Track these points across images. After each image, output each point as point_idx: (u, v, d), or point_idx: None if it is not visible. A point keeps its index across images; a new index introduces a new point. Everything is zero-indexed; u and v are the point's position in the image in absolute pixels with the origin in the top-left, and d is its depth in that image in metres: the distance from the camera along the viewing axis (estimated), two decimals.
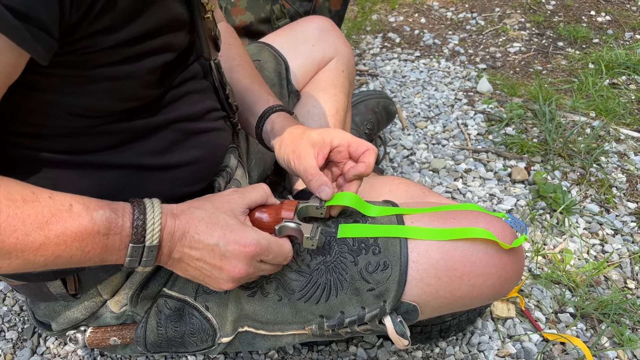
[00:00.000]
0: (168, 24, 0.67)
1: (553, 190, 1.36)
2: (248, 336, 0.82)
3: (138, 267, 0.64)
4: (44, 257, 0.58)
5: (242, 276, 0.68)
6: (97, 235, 0.59)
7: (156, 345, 0.82)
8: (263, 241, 0.68)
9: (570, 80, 1.85)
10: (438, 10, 2.38)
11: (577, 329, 1.08)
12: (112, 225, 0.60)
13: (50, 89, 0.61)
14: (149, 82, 0.68)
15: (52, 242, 0.57)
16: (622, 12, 2.25)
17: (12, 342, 1.07)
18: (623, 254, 1.24)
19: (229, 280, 0.68)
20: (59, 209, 0.58)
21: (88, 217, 0.59)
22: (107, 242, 0.61)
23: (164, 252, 0.65)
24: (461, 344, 1.06)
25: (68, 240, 0.58)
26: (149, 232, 0.62)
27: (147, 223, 0.62)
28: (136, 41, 0.62)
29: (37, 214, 0.56)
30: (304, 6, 1.56)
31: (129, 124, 0.69)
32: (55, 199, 0.58)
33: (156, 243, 0.63)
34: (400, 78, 1.92)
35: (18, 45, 0.51)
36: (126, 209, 0.62)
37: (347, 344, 1.05)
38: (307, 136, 0.80)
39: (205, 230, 0.65)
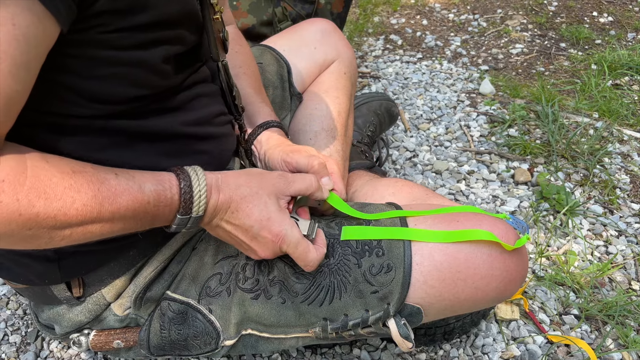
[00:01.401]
0: (184, 17, 0.68)
1: (556, 192, 1.35)
2: (251, 339, 0.82)
3: (182, 231, 0.69)
4: (100, 225, 0.60)
5: (266, 257, 0.74)
6: (148, 205, 0.62)
7: (160, 348, 0.82)
8: (293, 239, 0.71)
9: (572, 82, 1.85)
10: (440, 12, 2.38)
11: (581, 330, 1.08)
12: (161, 197, 0.63)
13: (68, 71, 0.61)
14: (162, 71, 0.68)
15: (107, 210, 0.59)
16: (625, 13, 2.25)
17: (16, 345, 1.07)
18: (627, 255, 1.24)
19: (254, 254, 0.74)
20: (106, 177, 0.60)
21: (136, 186, 0.62)
22: (156, 212, 0.64)
23: (206, 221, 0.70)
24: (465, 346, 1.05)
25: (121, 209, 0.60)
26: (195, 205, 0.66)
27: (194, 196, 0.66)
28: (153, 28, 0.63)
29: (88, 182, 0.58)
30: (305, 9, 1.56)
31: (138, 123, 0.69)
32: (99, 169, 0.61)
33: (202, 214, 0.67)
34: (403, 80, 1.92)
35: (44, 6, 0.50)
36: (172, 181, 0.65)
37: (350, 346, 1.05)
38: (304, 147, 0.87)
39: (245, 209, 0.69)
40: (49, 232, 0.56)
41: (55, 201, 0.55)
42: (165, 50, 0.66)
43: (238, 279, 0.79)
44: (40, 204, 0.54)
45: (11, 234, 0.55)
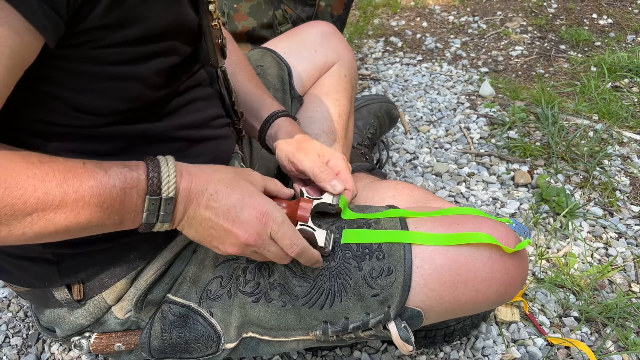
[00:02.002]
0: (177, 28, 0.68)
1: (556, 194, 1.35)
2: (252, 342, 0.82)
3: (156, 224, 0.65)
4: (64, 215, 0.58)
5: (249, 243, 0.68)
6: (113, 189, 0.60)
7: (160, 351, 0.82)
8: (278, 215, 0.69)
9: (572, 84, 1.85)
10: (440, 14, 2.39)
11: (581, 333, 1.08)
12: (127, 178, 0.61)
13: (58, 84, 0.61)
14: (154, 83, 0.68)
15: (71, 198, 0.57)
16: (624, 15, 2.25)
17: (17, 348, 1.07)
18: (627, 257, 1.24)
19: (236, 244, 0.69)
20: (74, 166, 0.58)
21: (102, 171, 0.60)
22: (124, 197, 0.61)
23: (180, 209, 0.65)
24: (465, 348, 1.05)
25: (86, 195, 0.58)
26: (164, 184, 0.63)
27: (162, 175, 0.63)
28: (144, 41, 0.63)
29: (54, 171, 0.57)
30: (306, 11, 1.56)
31: (135, 128, 0.69)
32: (68, 159, 0.59)
33: (172, 195, 0.63)
34: (403, 82, 1.93)
35: (28, 21, 0.50)
36: (140, 164, 0.63)
37: (351, 349, 1.05)
38: (309, 142, 0.85)
39: (225, 190, 0.67)
40: (8, 221, 0.55)
41: (15, 190, 0.54)
42: (158, 63, 0.66)
43: (239, 282, 0.79)
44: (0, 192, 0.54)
45: None
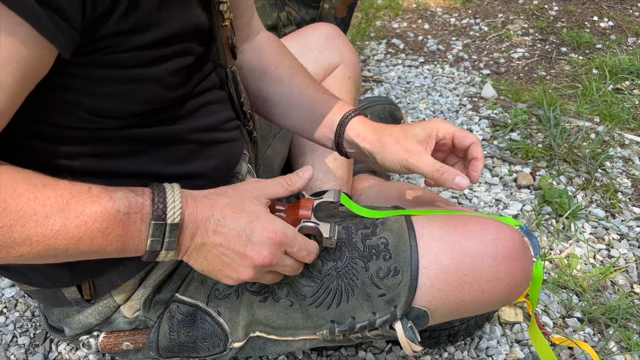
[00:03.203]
0: (190, 30, 0.68)
1: (559, 195, 1.36)
2: (259, 341, 0.83)
3: (161, 252, 0.63)
4: (65, 240, 0.57)
5: (264, 264, 0.66)
6: (117, 214, 0.58)
7: (168, 350, 0.82)
8: (289, 231, 0.67)
9: (574, 86, 1.87)
10: (441, 16, 2.40)
11: (584, 333, 1.09)
12: (132, 203, 0.60)
13: (72, 89, 0.61)
14: (170, 84, 0.69)
15: (73, 223, 0.56)
16: (625, 18, 2.26)
17: (25, 347, 1.08)
18: (629, 258, 1.25)
19: (251, 268, 0.66)
20: (79, 191, 0.58)
21: (107, 196, 0.59)
22: (127, 223, 0.59)
23: (187, 236, 0.63)
24: (469, 348, 1.06)
25: (89, 221, 0.57)
26: (170, 209, 0.61)
27: (168, 200, 0.61)
28: (160, 44, 0.63)
29: (57, 196, 0.56)
30: (310, 13, 1.57)
31: (151, 131, 0.70)
32: (75, 183, 0.59)
33: (178, 221, 0.61)
34: (405, 84, 1.94)
35: (37, 30, 0.50)
36: (145, 190, 0.62)
37: (356, 348, 1.06)
38: (412, 134, 0.80)
39: (232, 215, 0.65)
40: (6, 243, 0.54)
41: (14, 211, 0.53)
42: (174, 64, 0.67)
43: (246, 281, 0.80)
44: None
45: None
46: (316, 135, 0.90)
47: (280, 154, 1.22)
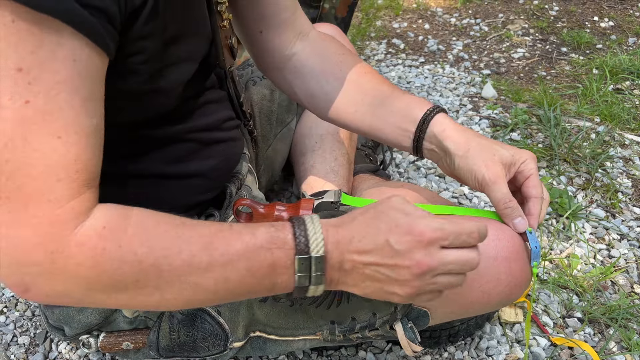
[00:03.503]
0: (197, 32, 0.69)
1: (559, 196, 1.36)
2: (259, 341, 0.83)
3: (310, 287, 0.60)
4: (214, 279, 0.56)
5: (423, 270, 0.58)
6: (261, 250, 0.57)
7: (168, 350, 0.83)
8: (434, 224, 0.59)
9: (574, 86, 1.86)
10: (442, 16, 2.40)
11: (584, 333, 1.09)
12: (273, 238, 0.58)
13: None
14: (177, 92, 0.69)
15: (218, 262, 0.55)
16: (625, 18, 2.26)
17: (25, 347, 1.08)
18: (629, 258, 1.25)
19: (411, 277, 0.59)
20: (219, 229, 0.57)
21: (249, 233, 0.57)
22: (272, 259, 0.57)
23: (334, 265, 0.60)
24: (470, 348, 1.06)
25: (234, 258, 0.56)
26: (312, 241, 0.58)
27: (309, 232, 0.58)
28: (173, 48, 0.63)
29: (199, 234, 0.55)
30: (310, 13, 1.57)
31: (149, 132, 0.70)
32: (214, 223, 0.58)
33: (322, 253, 0.58)
34: (405, 84, 1.94)
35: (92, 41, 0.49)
36: (285, 225, 0.60)
37: (356, 348, 1.06)
38: (499, 154, 0.75)
39: (370, 230, 0.60)
40: (157, 284, 0.54)
41: (159, 250, 0.53)
42: (183, 69, 0.67)
43: None
44: (143, 252, 0.52)
45: (120, 286, 0.53)
46: (393, 132, 0.84)
47: (281, 154, 1.22)
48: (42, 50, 0.45)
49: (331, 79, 0.87)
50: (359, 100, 0.85)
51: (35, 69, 0.45)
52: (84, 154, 0.50)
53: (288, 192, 1.42)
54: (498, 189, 0.73)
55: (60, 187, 0.49)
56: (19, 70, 0.45)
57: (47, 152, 0.48)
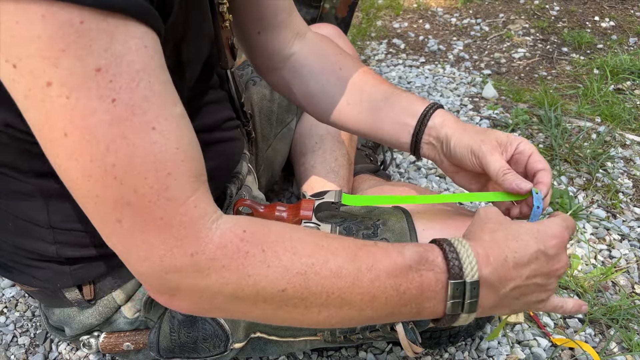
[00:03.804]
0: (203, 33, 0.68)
1: (560, 196, 1.36)
2: (260, 342, 0.83)
3: (461, 315, 0.57)
4: (360, 296, 0.53)
5: (565, 270, 0.62)
6: (410, 270, 0.54)
7: (169, 351, 0.82)
8: (565, 222, 0.62)
9: (575, 86, 1.86)
10: (442, 16, 2.40)
11: (585, 334, 1.09)
12: (422, 259, 0.55)
13: None
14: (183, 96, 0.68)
15: (366, 277, 0.53)
16: (626, 18, 2.26)
17: (25, 347, 1.08)
18: (630, 259, 1.25)
19: (556, 280, 0.62)
20: (364, 243, 0.55)
21: (396, 251, 0.55)
22: (421, 281, 0.55)
23: (489, 291, 0.57)
24: (470, 349, 1.06)
25: (381, 275, 0.54)
26: (466, 265, 0.55)
27: (461, 255, 0.55)
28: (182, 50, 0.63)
29: (343, 246, 0.54)
30: (310, 13, 1.57)
31: None
32: (356, 239, 0.56)
33: (477, 278, 0.55)
34: (406, 84, 1.93)
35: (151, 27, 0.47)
36: (433, 247, 0.57)
37: (356, 349, 1.06)
38: (494, 134, 0.76)
39: (518, 243, 0.58)
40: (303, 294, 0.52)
41: (304, 257, 0.51)
42: (192, 72, 0.67)
43: None
44: (287, 257, 0.51)
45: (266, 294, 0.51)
46: (392, 129, 0.83)
47: (281, 154, 1.22)
48: (115, 44, 0.44)
49: (332, 78, 0.87)
50: (359, 99, 0.85)
51: (112, 65, 0.44)
52: (182, 139, 0.49)
53: (288, 192, 1.42)
54: (496, 159, 0.72)
55: (174, 183, 0.47)
56: (98, 71, 0.43)
57: (148, 147, 0.46)
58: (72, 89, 0.43)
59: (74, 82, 0.43)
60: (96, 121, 0.44)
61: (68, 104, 0.43)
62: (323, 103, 0.88)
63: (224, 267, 0.49)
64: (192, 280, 0.49)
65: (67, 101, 0.43)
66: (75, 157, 0.45)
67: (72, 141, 0.44)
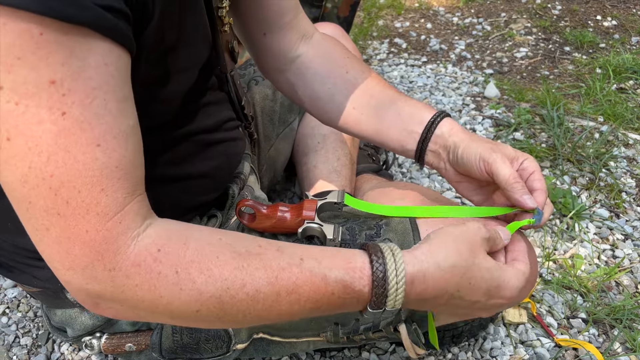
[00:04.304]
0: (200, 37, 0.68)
1: (563, 196, 1.36)
2: (263, 343, 0.83)
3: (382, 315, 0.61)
4: (278, 313, 0.55)
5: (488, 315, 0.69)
6: (332, 296, 0.56)
7: (171, 352, 0.82)
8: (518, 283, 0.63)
9: (577, 85, 1.86)
10: (444, 15, 2.39)
11: (589, 334, 1.08)
12: (347, 290, 0.56)
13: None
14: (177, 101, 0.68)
15: (284, 300, 0.54)
16: (628, 17, 2.26)
17: (27, 348, 1.07)
18: (634, 259, 1.24)
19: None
20: (289, 262, 0.55)
21: (320, 275, 0.55)
22: (343, 303, 0.57)
23: (412, 306, 0.62)
24: (473, 349, 1.06)
25: (301, 299, 0.54)
26: (390, 300, 0.56)
27: (389, 290, 0.56)
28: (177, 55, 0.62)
29: (265, 267, 0.53)
30: (312, 13, 1.57)
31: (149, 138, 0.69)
32: (285, 252, 0.56)
33: (398, 307, 0.57)
34: (408, 83, 1.93)
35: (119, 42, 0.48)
36: (364, 271, 0.57)
37: (359, 350, 1.05)
38: (502, 146, 0.75)
39: (468, 287, 0.59)
40: (218, 314, 0.52)
41: (220, 280, 0.51)
42: (188, 78, 0.67)
43: None
44: (202, 280, 0.51)
45: (180, 314, 0.52)
46: (399, 135, 0.82)
47: (283, 154, 1.21)
48: (73, 59, 0.45)
49: (338, 80, 0.86)
50: (365, 103, 0.85)
51: (67, 79, 0.45)
52: (125, 159, 0.49)
53: (290, 192, 1.41)
54: (507, 166, 0.71)
55: (105, 198, 0.48)
56: (52, 83, 0.44)
57: (88, 162, 0.47)
58: (22, 97, 0.43)
59: (26, 91, 0.43)
60: (42, 131, 0.45)
61: (16, 110, 0.44)
62: (328, 107, 0.88)
63: (137, 285, 0.50)
64: (111, 294, 0.50)
65: (16, 107, 0.43)
66: (14, 161, 0.45)
67: (14, 146, 0.45)
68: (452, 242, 0.60)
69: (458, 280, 0.58)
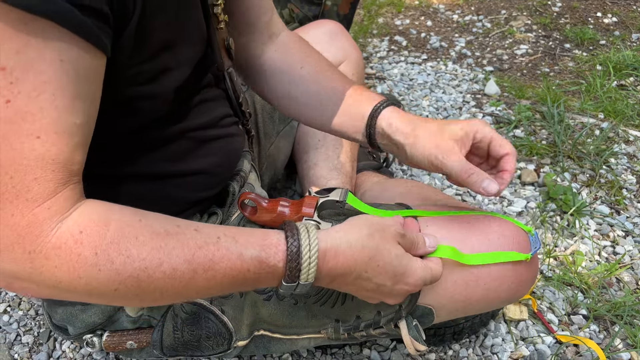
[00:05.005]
0: (195, 35, 0.68)
1: (563, 192, 1.36)
2: (264, 340, 0.83)
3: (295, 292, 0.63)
4: (195, 291, 0.57)
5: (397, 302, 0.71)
6: (247, 273, 0.58)
7: (172, 349, 0.82)
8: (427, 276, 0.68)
9: (578, 82, 1.86)
10: (444, 13, 2.39)
11: (590, 330, 1.08)
12: (263, 265, 0.58)
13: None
14: (172, 97, 0.68)
15: (201, 277, 0.55)
16: (629, 14, 2.25)
17: (29, 346, 1.08)
18: (635, 255, 1.24)
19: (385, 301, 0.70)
20: (206, 241, 0.56)
21: (237, 253, 0.57)
22: (258, 278, 0.59)
23: (323, 283, 0.64)
24: (474, 346, 1.06)
25: (217, 275, 0.56)
26: (303, 274, 0.59)
27: (302, 264, 0.59)
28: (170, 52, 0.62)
29: (182, 246, 0.54)
30: (312, 10, 1.57)
31: (146, 135, 0.70)
32: (202, 232, 0.57)
33: (311, 280, 0.60)
34: (408, 81, 1.93)
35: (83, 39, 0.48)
36: (279, 246, 0.59)
37: (360, 346, 1.06)
38: (448, 131, 0.74)
39: (376, 269, 0.64)
40: (136, 292, 0.53)
41: (137, 261, 0.52)
42: (178, 75, 0.66)
43: None
44: (120, 261, 0.51)
45: (99, 292, 0.52)
46: (349, 130, 0.84)
47: (284, 152, 1.21)
48: (28, 50, 0.45)
49: (296, 78, 0.88)
50: (315, 97, 0.86)
51: (18, 69, 0.45)
52: (63, 154, 0.50)
53: (291, 190, 1.41)
54: (453, 163, 0.72)
55: (37, 186, 0.49)
56: (1, 70, 0.45)
57: (25, 152, 0.47)
58: None
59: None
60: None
61: None
62: (292, 105, 0.90)
63: (56, 267, 0.50)
64: (29, 275, 0.50)
65: None
66: None
67: None
68: (367, 227, 0.64)
69: (367, 261, 0.62)
